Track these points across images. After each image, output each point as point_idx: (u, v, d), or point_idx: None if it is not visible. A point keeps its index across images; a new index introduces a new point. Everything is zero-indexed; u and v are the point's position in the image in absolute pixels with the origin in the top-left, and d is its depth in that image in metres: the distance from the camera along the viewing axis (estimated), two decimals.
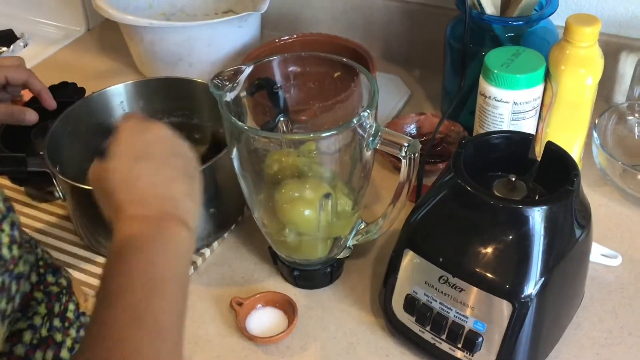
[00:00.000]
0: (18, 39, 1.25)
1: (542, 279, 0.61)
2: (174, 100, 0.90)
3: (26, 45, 1.25)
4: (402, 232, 0.70)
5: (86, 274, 0.80)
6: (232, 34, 1.04)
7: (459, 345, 0.65)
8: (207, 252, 0.82)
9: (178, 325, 0.48)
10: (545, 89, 0.81)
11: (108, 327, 0.45)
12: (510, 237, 0.62)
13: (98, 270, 0.80)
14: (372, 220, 0.74)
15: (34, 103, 1.00)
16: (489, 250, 0.62)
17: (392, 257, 0.70)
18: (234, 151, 0.69)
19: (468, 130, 0.91)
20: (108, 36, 1.26)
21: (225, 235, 0.84)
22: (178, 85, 0.90)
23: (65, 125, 0.83)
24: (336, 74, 0.80)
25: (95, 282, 0.79)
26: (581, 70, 0.78)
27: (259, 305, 0.74)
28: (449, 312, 0.65)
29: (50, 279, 0.60)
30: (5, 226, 0.49)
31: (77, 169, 0.83)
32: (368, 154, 0.69)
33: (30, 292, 0.57)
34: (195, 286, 0.79)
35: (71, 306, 0.62)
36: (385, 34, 1.15)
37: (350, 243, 0.75)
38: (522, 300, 0.62)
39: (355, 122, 0.64)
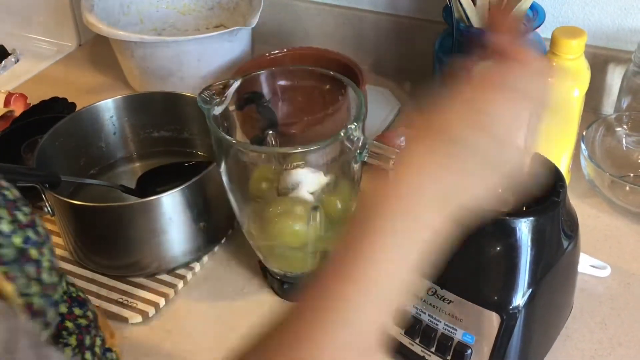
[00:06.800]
0: (10, 54, 1.26)
1: (530, 290, 0.62)
2: (164, 115, 0.90)
3: (17, 61, 1.26)
4: None
5: None
6: (223, 49, 1.04)
7: (448, 358, 0.65)
8: (197, 266, 0.82)
9: None
10: None
11: None
12: (498, 248, 0.62)
13: (88, 286, 0.79)
14: None
15: (25, 118, 1.01)
16: (477, 262, 0.63)
17: None
18: (223, 165, 0.70)
19: None
20: (99, 51, 1.27)
21: (216, 249, 0.84)
22: (167, 99, 0.90)
23: (55, 140, 0.84)
24: (325, 88, 0.80)
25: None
26: (568, 83, 0.78)
27: None
28: (437, 324, 0.65)
29: (77, 311, 0.59)
30: (46, 251, 0.49)
31: (66, 184, 0.83)
32: (356, 166, 0.69)
33: (61, 322, 0.56)
34: (185, 301, 0.79)
35: (98, 341, 0.60)
36: (375, 48, 1.15)
37: None
38: (510, 311, 0.62)
39: (342, 135, 0.65)
